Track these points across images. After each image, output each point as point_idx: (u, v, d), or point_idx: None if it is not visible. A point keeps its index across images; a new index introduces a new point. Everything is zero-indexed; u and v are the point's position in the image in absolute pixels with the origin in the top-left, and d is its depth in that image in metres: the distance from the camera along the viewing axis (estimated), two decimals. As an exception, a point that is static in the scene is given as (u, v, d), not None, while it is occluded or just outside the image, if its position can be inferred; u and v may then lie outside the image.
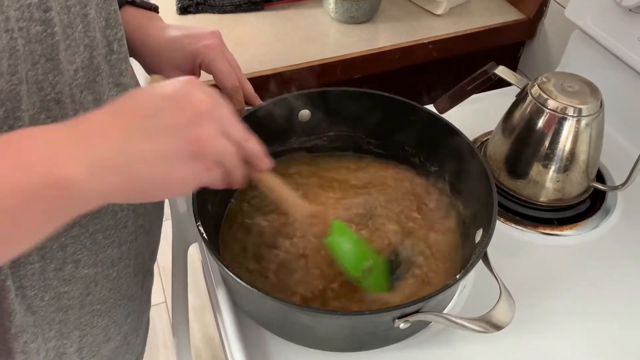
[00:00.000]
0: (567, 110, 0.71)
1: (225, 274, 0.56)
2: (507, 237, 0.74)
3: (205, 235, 0.55)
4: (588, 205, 0.79)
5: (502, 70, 0.77)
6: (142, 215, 0.61)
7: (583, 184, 0.77)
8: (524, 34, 1.15)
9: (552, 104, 0.72)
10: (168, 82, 0.42)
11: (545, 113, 0.72)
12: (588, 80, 0.74)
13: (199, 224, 0.56)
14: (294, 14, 1.11)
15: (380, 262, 0.63)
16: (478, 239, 0.61)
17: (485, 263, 0.57)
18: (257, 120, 0.69)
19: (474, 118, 0.88)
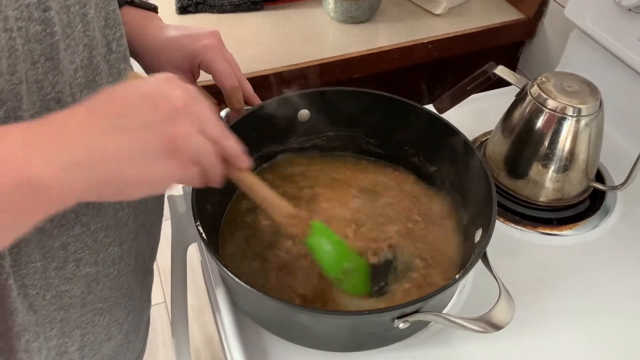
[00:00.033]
0: (566, 110, 0.71)
1: (225, 274, 0.56)
2: (506, 237, 0.74)
3: (205, 235, 0.55)
4: (587, 205, 0.79)
5: (501, 70, 0.77)
6: (142, 214, 0.61)
7: (582, 184, 0.77)
8: (524, 34, 1.15)
9: (551, 104, 0.72)
10: (144, 80, 0.42)
11: (545, 113, 0.72)
12: (587, 80, 0.74)
13: (198, 224, 0.56)
14: (294, 14, 1.11)
15: (362, 264, 0.63)
16: (477, 239, 0.61)
17: (485, 263, 0.57)
18: (256, 120, 0.69)
19: (474, 118, 0.87)
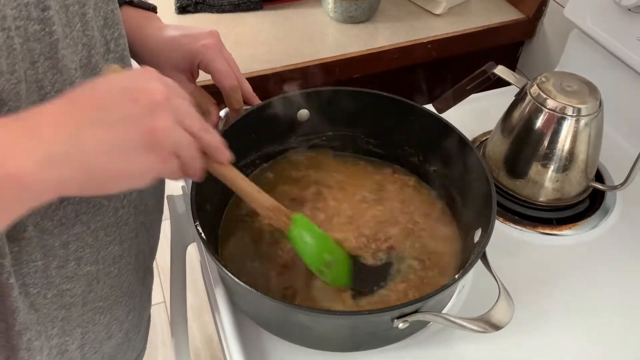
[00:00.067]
0: (566, 110, 0.71)
1: (224, 274, 0.55)
2: (506, 236, 0.74)
3: (204, 235, 0.55)
4: (587, 205, 0.79)
5: (501, 70, 0.77)
6: (142, 213, 0.61)
7: (582, 184, 0.77)
8: (523, 34, 1.15)
9: (551, 104, 0.72)
10: (124, 73, 0.42)
11: (545, 113, 0.72)
12: (587, 80, 0.74)
13: (197, 224, 0.56)
14: (293, 14, 1.11)
15: (343, 256, 0.64)
16: (477, 239, 0.60)
17: (484, 263, 0.57)
18: (255, 120, 0.69)
19: (473, 118, 0.87)
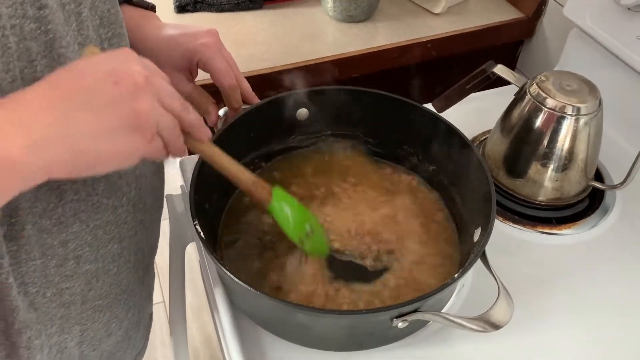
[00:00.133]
0: (565, 109, 0.71)
1: (223, 273, 0.55)
2: (505, 236, 0.74)
3: (203, 235, 0.55)
4: (587, 205, 0.79)
5: (500, 69, 0.77)
6: (141, 211, 0.61)
7: (582, 183, 0.77)
8: (523, 33, 1.15)
9: (550, 103, 0.72)
10: (103, 55, 0.42)
11: (544, 112, 0.72)
12: (587, 79, 0.74)
13: (196, 223, 0.56)
14: (292, 13, 1.11)
15: (319, 227, 0.65)
16: (476, 238, 0.60)
17: (484, 262, 0.57)
18: (254, 119, 0.68)
19: (473, 117, 0.87)
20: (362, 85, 0.72)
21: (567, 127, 0.72)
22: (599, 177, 0.82)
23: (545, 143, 0.73)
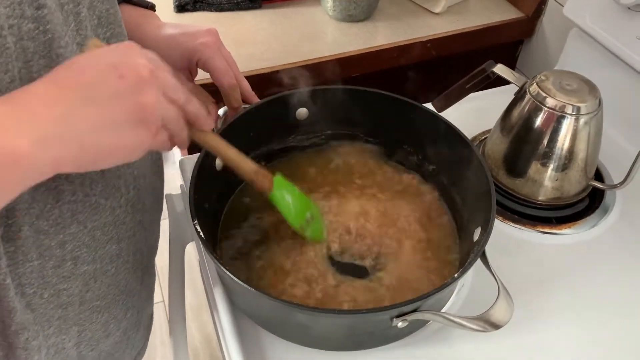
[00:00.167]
0: (565, 109, 0.71)
1: (223, 273, 0.55)
2: (505, 235, 0.74)
3: (202, 234, 0.55)
4: (586, 204, 0.79)
5: (500, 69, 0.77)
6: (140, 212, 0.61)
7: (581, 183, 0.77)
8: (523, 33, 1.15)
9: (550, 102, 0.72)
10: (107, 48, 0.42)
11: (544, 111, 0.72)
12: (586, 79, 0.74)
13: (196, 223, 0.56)
14: (292, 12, 1.11)
15: (318, 213, 0.67)
16: (476, 238, 0.60)
17: (484, 262, 0.57)
18: (254, 119, 0.68)
19: (473, 116, 0.87)
20: (362, 85, 0.72)
21: (567, 126, 0.72)
22: (599, 176, 0.82)
23: (545, 142, 0.73)
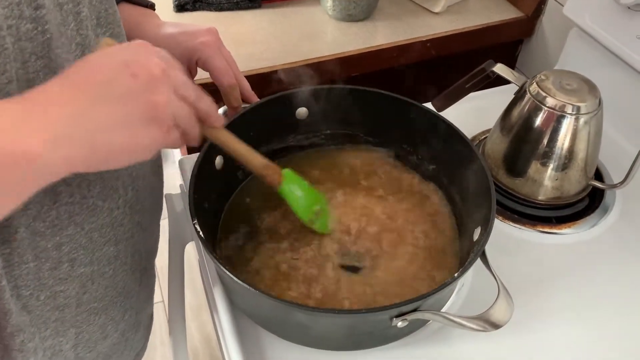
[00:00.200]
0: (565, 108, 0.71)
1: (222, 273, 0.55)
2: (505, 235, 0.74)
3: (202, 234, 0.55)
4: (586, 204, 0.79)
5: (500, 68, 0.77)
6: (139, 213, 0.60)
7: (581, 182, 0.77)
8: (522, 32, 1.15)
9: (550, 102, 0.72)
10: (119, 46, 0.42)
11: (544, 111, 0.72)
12: (586, 78, 0.74)
13: (196, 222, 0.56)
14: (292, 12, 1.11)
15: (325, 205, 0.68)
16: (476, 237, 0.60)
17: (484, 261, 0.57)
18: (254, 118, 0.68)
19: (472, 116, 0.87)
20: (361, 84, 0.72)
21: (567, 126, 0.72)
22: (599, 176, 0.82)
23: (545, 142, 0.73)
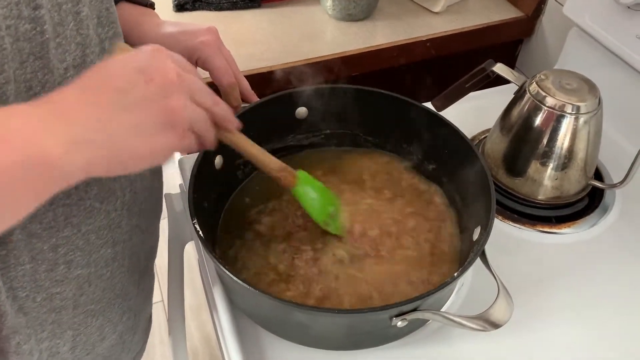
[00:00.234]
0: (565, 108, 0.71)
1: (222, 272, 0.55)
2: (505, 235, 0.74)
3: (202, 233, 0.55)
4: (586, 203, 0.79)
5: (500, 68, 0.77)
6: (136, 215, 0.60)
7: (581, 182, 0.77)
8: (522, 32, 1.15)
9: (550, 102, 0.72)
10: (135, 52, 0.43)
11: (544, 110, 0.72)
12: (586, 78, 0.74)
13: (195, 222, 0.56)
14: (291, 12, 1.11)
15: (339, 206, 0.68)
16: (476, 237, 0.60)
17: (483, 261, 0.57)
18: (254, 118, 0.68)
19: (472, 116, 0.87)
20: (361, 84, 0.72)
21: (566, 125, 0.72)
22: (599, 176, 0.82)
23: (545, 142, 0.73)
